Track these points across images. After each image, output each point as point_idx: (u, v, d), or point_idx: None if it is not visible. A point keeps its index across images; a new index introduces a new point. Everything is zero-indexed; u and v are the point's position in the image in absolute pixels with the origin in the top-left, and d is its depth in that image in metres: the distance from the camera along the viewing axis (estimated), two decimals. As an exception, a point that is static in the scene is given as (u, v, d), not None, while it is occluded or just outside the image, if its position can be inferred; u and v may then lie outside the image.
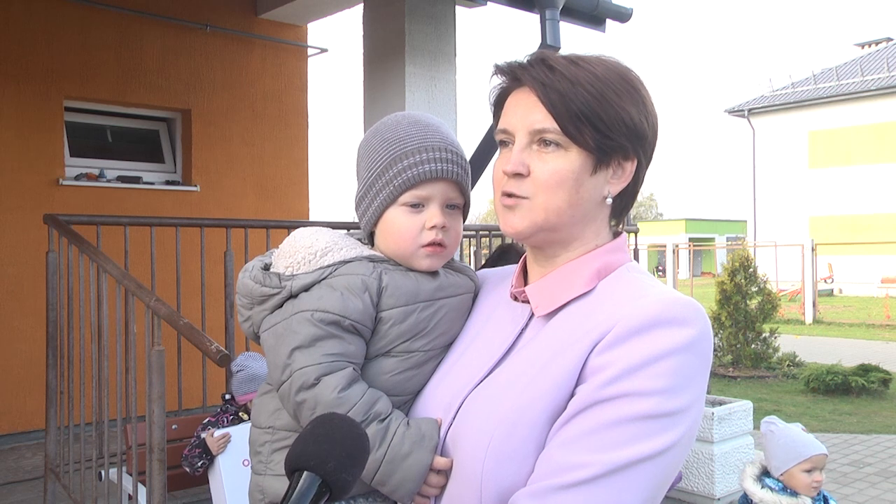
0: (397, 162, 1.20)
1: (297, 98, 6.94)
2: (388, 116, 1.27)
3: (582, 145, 1.04)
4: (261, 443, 1.22)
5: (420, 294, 1.20)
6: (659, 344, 0.96)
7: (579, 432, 0.96)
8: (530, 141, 1.06)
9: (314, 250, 1.20)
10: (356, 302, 1.15)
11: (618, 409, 0.95)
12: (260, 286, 1.21)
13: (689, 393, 0.97)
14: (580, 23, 5.20)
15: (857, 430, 7.02)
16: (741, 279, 9.87)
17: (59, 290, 3.84)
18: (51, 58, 5.62)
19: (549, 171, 1.05)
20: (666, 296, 1.01)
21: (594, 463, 0.93)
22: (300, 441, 0.86)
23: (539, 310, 1.10)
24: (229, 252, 4.25)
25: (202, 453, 3.23)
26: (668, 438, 0.95)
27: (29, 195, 5.45)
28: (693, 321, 0.99)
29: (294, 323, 1.15)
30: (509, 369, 1.08)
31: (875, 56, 28.07)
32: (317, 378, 1.11)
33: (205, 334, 2.95)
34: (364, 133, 1.26)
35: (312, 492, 0.83)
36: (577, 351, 1.00)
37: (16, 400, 5.34)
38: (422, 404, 1.17)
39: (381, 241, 1.24)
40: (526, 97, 1.07)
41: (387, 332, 1.17)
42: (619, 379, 0.95)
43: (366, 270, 1.18)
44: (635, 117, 1.06)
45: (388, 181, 1.20)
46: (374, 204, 1.22)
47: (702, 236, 40.69)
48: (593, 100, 1.03)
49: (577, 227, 1.08)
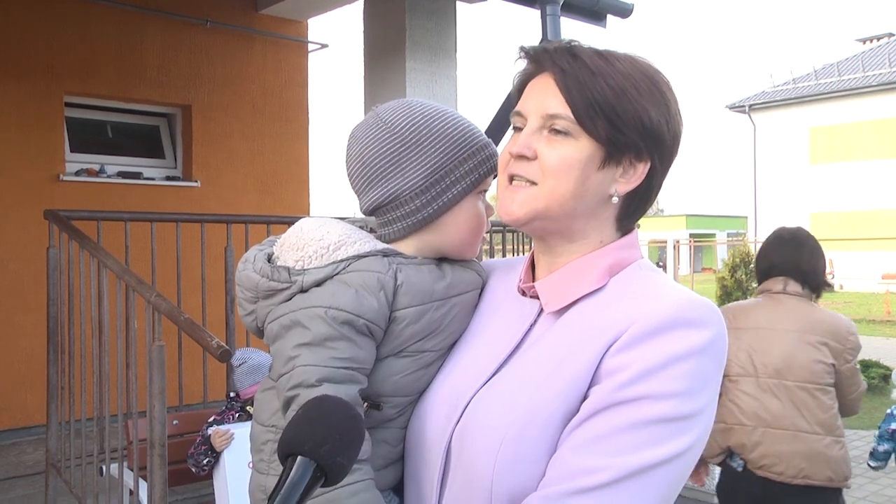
0: (483, 149, 1.17)
1: (297, 94, 6.93)
2: (425, 101, 1.20)
3: (593, 135, 1.01)
4: (263, 441, 1.19)
5: (434, 293, 1.15)
6: (676, 346, 0.94)
7: (594, 435, 0.93)
8: (541, 126, 1.04)
9: (326, 243, 1.14)
10: (371, 300, 1.10)
11: (634, 412, 0.93)
12: (267, 280, 1.15)
13: (704, 395, 0.96)
14: (581, 18, 5.18)
15: (858, 426, 7.02)
16: (742, 275, 9.89)
17: (59, 285, 3.84)
18: (51, 53, 5.61)
19: (556, 157, 1.02)
20: (682, 296, 0.99)
21: (610, 467, 0.91)
22: (292, 425, 0.83)
23: (549, 306, 1.07)
24: (230, 248, 4.25)
25: (207, 450, 3.23)
26: (683, 442, 0.93)
27: (29, 191, 5.44)
28: (710, 323, 0.97)
29: (305, 318, 1.10)
30: (519, 367, 1.05)
31: (876, 51, 28.01)
32: (318, 380, 1.07)
33: (205, 330, 2.95)
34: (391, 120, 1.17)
35: (307, 477, 0.80)
36: (591, 351, 0.98)
37: (17, 395, 5.35)
38: (427, 401, 1.14)
39: (444, 229, 1.18)
40: (545, 82, 1.05)
41: (400, 332, 1.13)
42: (635, 381, 0.93)
43: (381, 267, 1.12)
44: (654, 118, 1.03)
45: (475, 166, 1.17)
46: (454, 189, 1.16)
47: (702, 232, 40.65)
48: (612, 93, 1.01)
49: (577, 220, 1.05)
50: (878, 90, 25.30)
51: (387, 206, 1.17)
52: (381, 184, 1.17)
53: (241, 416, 3.44)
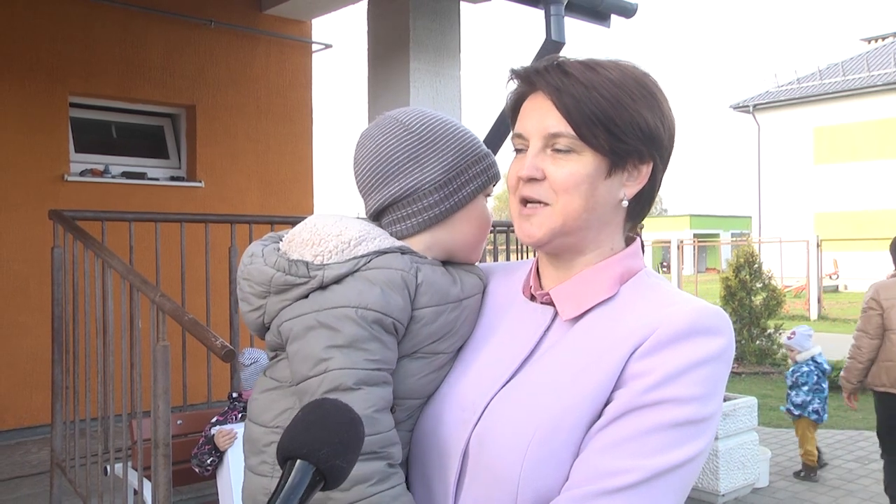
0: (488, 156, 1.23)
1: (301, 94, 6.94)
2: (431, 111, 1.25)
3: (596, 148, 1.04)
4: (266, 443, 1.16)
5: (450, 294, 1.16)
6: (697, 352, 0.98)
7: (620, 437, 0.96)
8: (544, 145, 1.06)
9: (346, 238, 1.13)
10: (397, 298, 1.10)
11: (658, 414, 0.96)
12: (283, 274, 1.12)
13: (717, 399, 1.01)
14: (585, 18, 5.18)
15: (863, 427, 7.01)
16: (746, 275, 9.85)
17: (64, 285, 3.85)
18: (55, 54, 5.62)
19: (564, 175, 1.05)
20: (697, 304, 1.04)
21: (636, 468, 0.94)
22: (291, 429, 0.83)
23: (566, 313, 1.09)
24: (234, 248, 4.26)
25: (211, 450, 3.24)
26: (701, 443, 0.97)
27: (34, 191, 5.46)
28: (724, 330, 1.02)
29: (332, 318, 1.08)
30: (539, 372, 1.07)
31: (881, 51, 27.94)
32: (356, 384, 1.05)
33: (209, 330, 2.95)
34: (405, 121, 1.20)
35: (307, 481, 0.79)
36: (614, 356, 1.01)
37: (22, 395, 5.36)
38: (439, 404, 1.14)
39: (458, 227, 1.20)
40: (541, 102, 1.07)
41: (418, 331, 1.13)
42: (659, 385, 0.97)
43: (403, 265, 1.12)
44: (650, 122, 1.06)
45: (484, 169, 1.21)
46: (469, 187, 1.19)
47: (706, 232, 40.59)
48: (608, 104, 1.03)
49: (592, 231, 1.08)
50: (883, 90, 25.22)
51: (403, 201, 1.18)
52: (399, 178, 1.17)
53: (244, 416, 3.44)
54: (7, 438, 5.28)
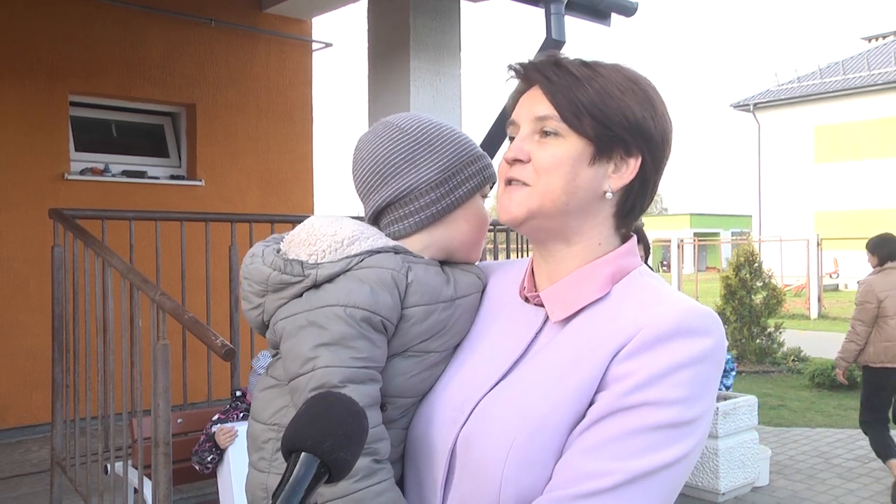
0: (483, 157, 1.25)
1: (301, 92, 6.94)
2: (427, 116, 1.28)
3: (580, 133, 1.05)
4: (264, 439, 1.19)
5: (442, 294, 1.17)
6: (680, 354, 0.97)
7: (601, 440, 0.96)
8: (533, 130, 1.08)
9: (339, 238, 1.16)
10: (386, 297, 1.11)
11: (640, 417, 0.95)
12: (280, 273, 1.15)
13: (705, 402, 0.99)
14: (585, 17, 5.18)
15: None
16: (746, 274, 9.84)
17: (64, 284, 3.85)
18: (56, 53, 5.62)
19: (547, 156, 1.06)
20: (685, 304, 1.02)
21: (617, 471, 0.93)
22: (295, 422, 0.83)
23: (555, 315, 1.09)
24: (234, 246, 4.26)
25: (212, 447, 3.24)
26: (685, 446, 0.96)
27: (34, 190, 5.46)
28: (711, 331, 1.01)
29: (322, 317, 1.10)
30: (527, 373, 1.07)
31: (882, 50, 27.93)
32: (342, 381, 1.07)
33: (210, 328, 2.96)
34: (401, 123, 1.23)
35: (311, 473, 0.80)
36: (597, 357, 1.01)
37: (22, 394, 5.37)
38: (431, 404, 1.15)
39: (455, 225, 1.22)
40: (534, 92, 1.10)
41: (407, 330, 1.14)
42: (641, 387, 0.96)
43: (395, 264, 1.14)
44: (638, 113, 1.07)
45: (479, 170, 1.23)
46: (465, 186, 1.21)
47: (706, 231, 40.59)
48: (595, 93, 1.06)
49: (573, 218, 1.08)
50: (884, 89, 25.22)
51: (401, 201, 1.21)
52: (396, 179, 1.20)
53: (245, 415, 3.45)
54: (7, 437, 5.28)
